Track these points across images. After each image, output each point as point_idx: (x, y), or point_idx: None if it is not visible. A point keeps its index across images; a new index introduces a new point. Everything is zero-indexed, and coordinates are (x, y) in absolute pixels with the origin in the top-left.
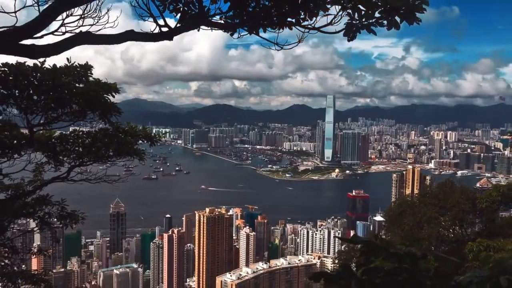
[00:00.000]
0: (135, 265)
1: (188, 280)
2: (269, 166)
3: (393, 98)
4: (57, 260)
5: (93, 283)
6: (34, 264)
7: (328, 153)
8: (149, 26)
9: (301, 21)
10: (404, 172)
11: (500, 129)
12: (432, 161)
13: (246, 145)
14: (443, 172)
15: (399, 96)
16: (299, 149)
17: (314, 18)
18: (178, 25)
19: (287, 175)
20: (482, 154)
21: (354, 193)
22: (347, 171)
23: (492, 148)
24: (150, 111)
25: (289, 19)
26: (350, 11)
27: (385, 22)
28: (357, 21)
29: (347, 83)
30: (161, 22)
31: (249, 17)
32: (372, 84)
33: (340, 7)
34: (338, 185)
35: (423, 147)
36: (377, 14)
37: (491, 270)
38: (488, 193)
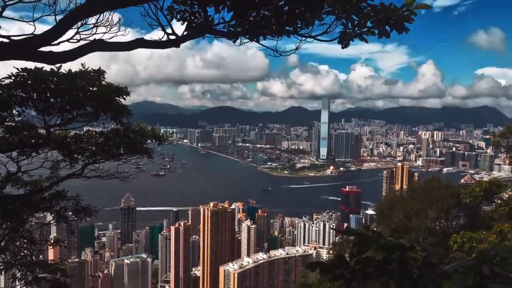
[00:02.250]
0: (144, 256)
1: (193, 269)
2: (268, 163)
3: (383, 100)
4: (72, 251)
5: (105, 272)
6: (51, 254)
7: (323, 151)
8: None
9: (298, 30)
10: (394, 169)
11: (483, 129)
12: (420, 159)
13: (247, 144)
14: (430, 169)
15: (389, 98)
16: (296, 148)
17: (311, 27)
18: (185, 33)
19: (285, 172)
20: (466, 153)
21: (347, 189)
22: (341, 168)
23: (476, 147)
24: (158, 113)
25: (287, 28)
26: (344, 20)
27: (376, 31)
28: (351, 30)
29: (340, 86)
30: (168, 30)
31: (250, 26)
32: (364, 87)
33: (334, 17)
34: (332, 181)
35: (411, 146)
36: (369, 24)
37: (475, 259)
38: (472, 189)
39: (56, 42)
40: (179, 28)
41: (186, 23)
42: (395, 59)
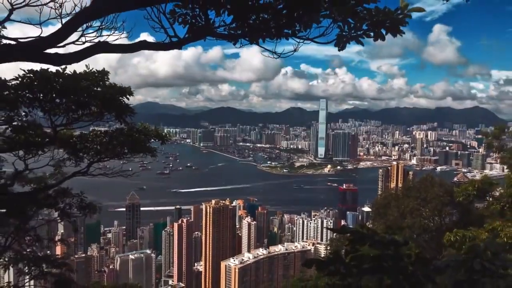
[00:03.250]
0: (148, 251)
1: (195, 264)
2: (268, 162)
3: (379, 101)
4: (79, 247)
5: (111, 267)
6: (58, 250)
7: (321, 150)
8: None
9: (297, 32)
10: (389, 168)
11: (475, 129)
12: (414, 157)
13: (247, 144)
14: (424, 168)
15: (385, 99)
16: (295, 147)
17: (308, 30)
18: (187, 35)
19: (284, 170)
20: (459, 152)
21: (344, 187)
22: (338, 167)
23: (468, 146)
24: (161, 113)
25: (285, 31)
26: (340, 23)
27: (372, 33)
28: (347, 33)
29: (341, 87)
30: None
31: (250, 28)
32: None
33: (331, 20)
34: (330, 179)
35: (406, 145)
36: (364, 27)
37: (466, 255)
38: (464, 187)
39: (62, 44)
40: (181, 30)
41: (187, 25)
42: (386, 61)
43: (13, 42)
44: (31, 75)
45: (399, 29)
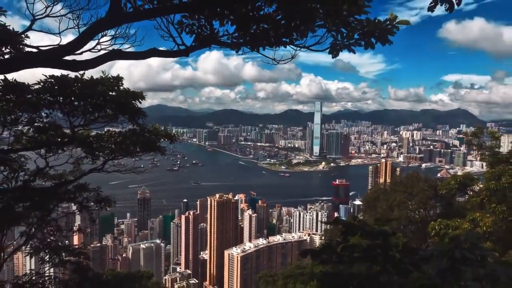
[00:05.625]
0: (158, 241)
1: (201, 253)
2: (267, 159)
3: (369, 104)
4: (94, 237)
5: (123, 255)
6: (75, 240)
7: (316, 149)
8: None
9: (294, 41)
10: (378, 165)
11: (457, 129)
12: (401, 155)
13: (249, 143)
14: (410, 165)
15: (374, 102)
16: (292, 146)
17: (305, 38)
18: (193, 44)
19: (282, 167)
20: (442, 150)
21: (337, 182)
22: (332, 164)
23: (451, 145)
24: (170, 115)
25: (284, 39)
26: (334, 33)
27: (362, 42)
28: (340, 42)
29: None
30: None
31: (251, 37)
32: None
33: (325, 30)
34: (324, 175)
35: (393, 144)
36: (356, 36)
37: (448, 245)
38: (448, 182)
39: (79, 52)
40: (188, 39)
41: (194, 35)
42: (374, 66)
43: (34, 50)
44: (52, 80)
45: (387, 39)
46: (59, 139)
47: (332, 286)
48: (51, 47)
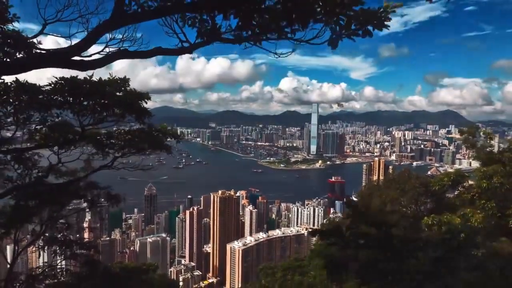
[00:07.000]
0: (164, 235)
1: (205, 246)
2: (267, 158)
3: (363, 105)
4: (103, 231)
5: (131, 248)
6: (86, 234)
7: (313, 148)
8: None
9: (295, 32)
10: (372, 163)
11: (446, 130)
12: (394, 154)
13: (249, 142)
14: (402, 163)
15: (368, 103)
16: (290, 145)
17: (306, 30)
18: (197, 41)
19: (281, 165)
20: (432, 149)
21: (333, 179)
22: (328, 162)
23: (440, 144)
24: (176, 116)
25: (285, 30)
26: (332, 25)
27: (360, 32)
28: (338, 33)
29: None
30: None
31: (253, 29)
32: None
33: (323, 24)
34: (320, 173)
35: (386, 143)
36: (353, 27)
37: (443, 234)
38: (440, 178)
39: (88, 54)
40: (192, 37)
41: (196, 29)
42: (365, 70)
43: (44, 52)
44: (62, 81)
45: (384, 24)
46: (70, 137)
47: (335, 266)
48: (61, 47)
